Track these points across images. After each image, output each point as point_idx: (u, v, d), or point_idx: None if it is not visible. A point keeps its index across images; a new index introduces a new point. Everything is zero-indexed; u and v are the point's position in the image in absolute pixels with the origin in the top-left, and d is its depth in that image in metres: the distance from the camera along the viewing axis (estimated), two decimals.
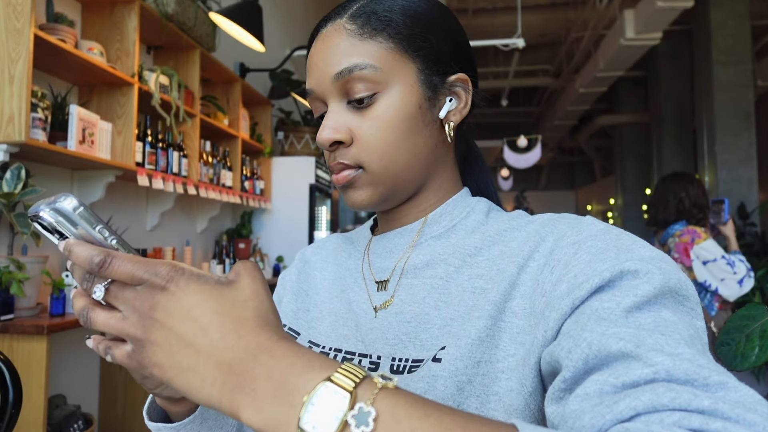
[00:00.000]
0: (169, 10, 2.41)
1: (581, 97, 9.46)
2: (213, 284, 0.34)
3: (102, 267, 0.33)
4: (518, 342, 0.44)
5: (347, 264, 0.62)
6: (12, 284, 1.64)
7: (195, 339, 0.32)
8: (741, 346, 0.70)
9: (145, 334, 0.33)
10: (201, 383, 0.31)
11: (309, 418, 0.28)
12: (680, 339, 0.34)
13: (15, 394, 1.11)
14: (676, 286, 0.38)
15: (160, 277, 0.33)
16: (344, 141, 0.51)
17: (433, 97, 0.53)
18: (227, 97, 3.34)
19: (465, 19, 8.61)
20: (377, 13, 0.51)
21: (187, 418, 0.49)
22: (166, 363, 0.32)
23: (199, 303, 0.33)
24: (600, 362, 0.34)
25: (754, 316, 0.74)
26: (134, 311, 0.33)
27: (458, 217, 0.56)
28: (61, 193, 0.35)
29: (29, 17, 1.67)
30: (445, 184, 0.57)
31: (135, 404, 2.32)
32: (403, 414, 0.28)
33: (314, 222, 3.90)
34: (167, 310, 0.33)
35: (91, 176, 2.19)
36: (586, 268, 0.40)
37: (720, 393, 0.29)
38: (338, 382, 0.29)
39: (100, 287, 0.34)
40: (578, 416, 0.32)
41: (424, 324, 0.49)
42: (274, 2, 4.35)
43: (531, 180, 17.32)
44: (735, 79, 7.04)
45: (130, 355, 0.34)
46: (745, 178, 6.92)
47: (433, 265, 0.53)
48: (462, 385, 0.43)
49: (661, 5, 5.76)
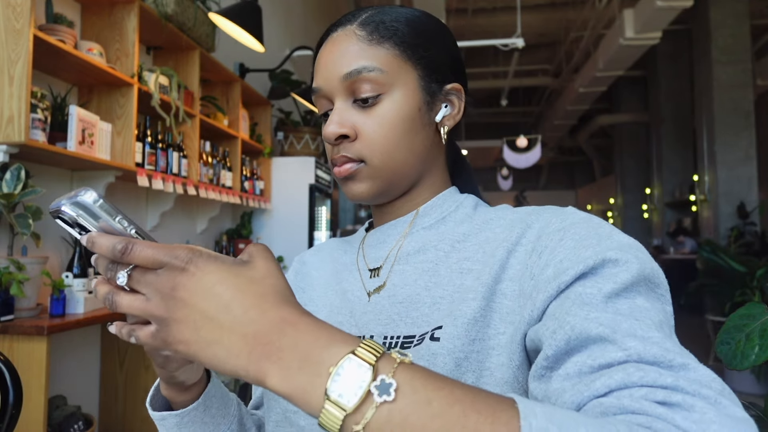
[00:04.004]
0: (168, 10, 2.41)
1: (581, 97, 9.46)
2: (230, 264, 0.37)
3: (124, 254, 0.36)
4: (508, 321, 0.47)
5: (343, 259, 0.66)
6: (12, 285, 1.64)
7: (218, 314, 0.34)
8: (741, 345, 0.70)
9: (168, 312, 0.35)
10: (227, 354, 0.34)
11: (335, 387, 0.31)
12: (651, 324, 0.38)
13: (15, 395, 1.11)
14: (650, 275, 0.42)
15: (180, 259, 0.36)
16: (349, 136, 0.55)
17: (430, 102, 0.57)
18: (227, 97, 3.34)
19: (465, 19, 8.61)
20: (385, 22, 0.56)
21: (191, 405, 0.53)
22: (191, 338, 0.35)
23: (220, 281, 0.35)
24: (580, 344, 0.37)
25: (753, 315, 0.74)
26: (157, 292, 0.36)
27: (447, 210, 0.60)
28: (82, 188, 0.37)
29: (29, 18, 1.67)
30: (436, 182, 0.62)
31: (135, 404, 2.32)
32: (419, 385, 0.31)
33: (314, 222, 3.90)
34: (189, 289, 0.35)
35: (91, 177, 2.19)
36: (571, 254, 0.44)
37: (682, 372, 0.34)
38: (361, 356, 0.32)
39: (123, 273, 0.36)
40: (560, 394, 0.36)
41: (415, 303, 0.53)
42: (273, 2, 4.35)
43: (531, 180, 17.32)
44: (734, 78, 7.04)
45: (154, 335, 0.36)
46: (745, 178, 6.92)
47: (424, 251, 0.57)
48: (459, 362, 0.46)
49: (660, 5, 5.75)
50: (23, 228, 1.65)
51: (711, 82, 7.12)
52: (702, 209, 7.56)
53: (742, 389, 4.02)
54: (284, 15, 4.72)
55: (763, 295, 3.78)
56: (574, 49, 9.36)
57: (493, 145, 11.99)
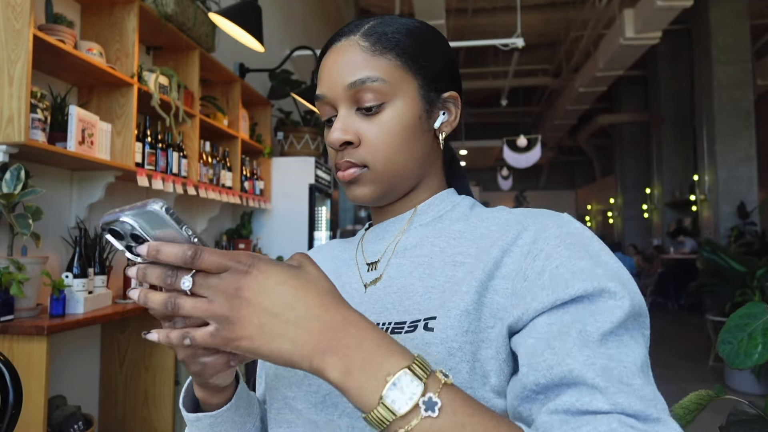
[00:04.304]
0: (168, 10, 2.41)
1: (581, 97, 9.46)
2: (287, 267, 0.41)
3: (195, 259, 0.38)
4: (497, 317, 0.50)
5: (342, 256, 0.69)
6: (12, 285, 1.64)
7: (283, 312, 0.39)
8: (743, 344, 0.70)
9: (232, 311, 0.39)
10: (292, 346, 0.38)
11: (390, 394, 0.36)
12: (635, 370, 0.42)
13: (15, 395, 1.11)
14: (638, 309, 0.46)
15: (243, 263, 0.39)
16: (352, 142, 0.58)
17: (429, 109, 0.61)
18: (227, 97, 3.34)
19: (465, 19, 8.61)
20: (387, 33, 0.58)
21: (225, 407, 0.56)
22: (254, 334, 0.39)
23: (281, 282, 0.40)
24: (572, 382, 0.41)
25: (755, 315, 0.74)
26: (220, 294, 0.39)
27: (444, 209, 0.63)
28: (149, 199, 0.39)
29: (28, 18, 1.67)
30: (434, 185, 0.65)
31: (135, 404, 2.32)
32: (458, 408, 0.37)
33: (314, 222, 3.90)
34: (253, 290, 0.39)
35: (91, 177, 2.19)
36: (566, 262, 0.47)
37: (657, 426, 0.39)
38: (415, 371, 0.37)
39: (188, 278, 0.39)
40: (547, 429, 0.40)
41: (409, 293, 0.56)
42: (273, 2, 4.35)
43: (531, 179, 17.32)
44: (734, 78, 7.04)
45: (213, 334, 0.39)
46: (745, 178, 6.92)
47: (420, 246, 0.60)
48: (453, 351, 0.49)
49: (660, 4, 5.75)
50: (23, 228, 1.65)
51: (711, 82, 7.12)
52: (702, 209, 7.56)
53: (742, 389, 4.02)
54: (284, 15, 4.72)
55: (764, 294, 3.78)
56: (574, 49, 9.36)
57: (493, 145, 11.99)
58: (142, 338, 2.32)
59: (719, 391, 0.91)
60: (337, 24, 7.05)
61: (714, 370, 4.60)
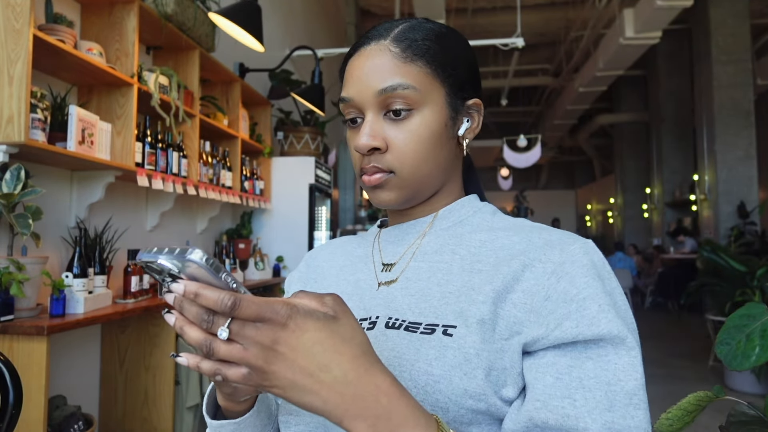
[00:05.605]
0: (168, 10, 2.41)
1: (581, 97, 9.46)
2: (323, 321, 0.41)
3: (233, 309, 0.38)
4: (513, 330, 0.51)
5: (356, 252, 0.70)
6: (12, 285, 1.64)
7: (317, 372, 0.39)
8: (741, 345, 0.70)
9: (267, 364, 0.39)
10: (323, 405, 0.40)
11: None
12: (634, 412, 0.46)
13: (15, 395, 1.11)
14: (638, 343, 0.49)
15: (281, 315, 0.39)
16: (380, 147, 0.59)
17: (455, 117, 0.61)
18: (227, 97, 3.34)
19: (465, 18, 8.61)
20: (417, 40, 0.59)
21: (248, 414, 0.57)
22: (287, 386, 0.40)
23: (318, 341, 0.40)
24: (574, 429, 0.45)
25: (754, 315, 0.74)
26: (255, 344, 0.39)
27: (465, 215, 0.64)
28: (188, 247, 0.38)
29: (28, 18, 1.67)
30: (455, 190, 0.66)
31: (135, 405, 2.32)
32: None
33: (314, 222, 3.90)
34: (289, 345, 0.39)
35: (91, 177, 2.19)
36: (594, 296, 0.49)
37: None
38: None
39: (224, 329, 0.39)
40: None
41: (426, 296, 0.57)
42: (273, 2, 4.35)
43: (531, 179, 17.31)
44: (734, 77, 7.04)
45: (245, 377, 0.40)
46: (745, 177, 6.92)
47: (440, 253, 0.61)
48: (469, 357, 0.50)
49: (660, 4, 5.75)
50: (23, 228, 1.65)
51: (711, 82, 7.12)
52: (702, 209, 7.56)
53: (742, 389, 4.02)
54: (284, 15, 4.72)
55: (764, 294, 3.78)
56: (574, 48, 9.35)
57: (493, 145, 11.98)
58: (142, 338, 2.33)
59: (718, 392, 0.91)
60: (337, 24, 7.04)
61: (714, 369, 4.60)
